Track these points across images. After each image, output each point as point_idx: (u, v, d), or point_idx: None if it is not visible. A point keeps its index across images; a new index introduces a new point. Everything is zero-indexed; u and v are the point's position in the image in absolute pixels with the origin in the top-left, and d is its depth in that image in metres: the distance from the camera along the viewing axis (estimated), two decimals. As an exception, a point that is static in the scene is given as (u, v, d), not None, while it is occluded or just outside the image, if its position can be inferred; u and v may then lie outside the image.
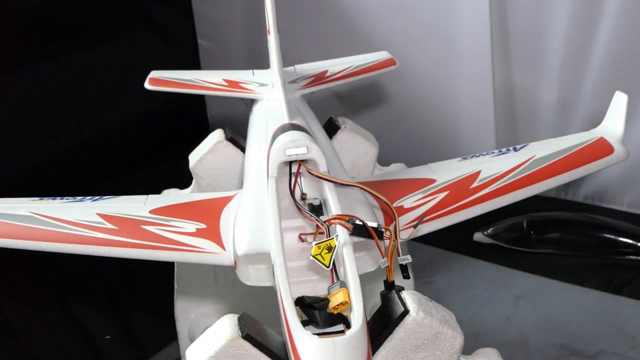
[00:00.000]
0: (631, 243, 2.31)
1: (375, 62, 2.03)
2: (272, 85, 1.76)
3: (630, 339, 1.94)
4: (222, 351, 1.07)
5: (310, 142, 1.26)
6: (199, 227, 1.36)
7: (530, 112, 2.64)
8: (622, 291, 2.15)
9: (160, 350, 2.04)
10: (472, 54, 2.59)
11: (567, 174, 1.45)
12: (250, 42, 3.16)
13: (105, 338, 2.10)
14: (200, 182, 1.76)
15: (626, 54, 2.39)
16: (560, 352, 1.91)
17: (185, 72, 2.01)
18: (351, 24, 2.83)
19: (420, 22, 2.67)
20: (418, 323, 1.09)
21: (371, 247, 1.21)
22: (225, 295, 1.81)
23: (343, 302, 1.02)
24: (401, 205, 1.39)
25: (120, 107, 3.12)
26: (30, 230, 1.35)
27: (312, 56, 2.12)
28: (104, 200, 1.47)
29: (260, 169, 1.35)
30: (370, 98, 2.92)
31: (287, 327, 1.01)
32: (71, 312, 2.21)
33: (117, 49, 3.06)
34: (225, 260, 1.28)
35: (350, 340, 0.97)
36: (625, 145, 1.50)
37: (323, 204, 1.25)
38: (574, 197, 2.73)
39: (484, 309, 2.12)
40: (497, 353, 1.22)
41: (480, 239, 2.44)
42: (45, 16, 2.76)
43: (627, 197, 2.61)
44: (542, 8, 2.45)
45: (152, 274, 1.96)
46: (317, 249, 1.07)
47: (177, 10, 3.29)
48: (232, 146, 1.74)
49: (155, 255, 1.32)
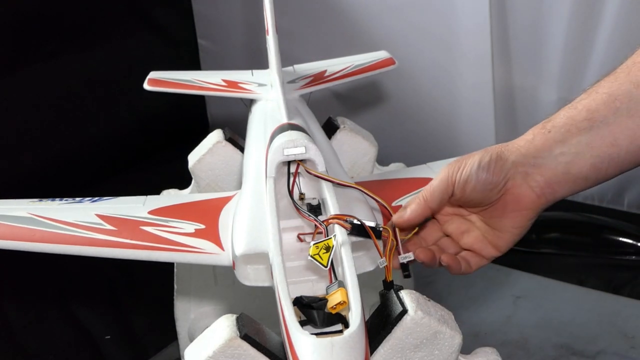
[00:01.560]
0: (631, 243, 2.31)
1: (374, 61, 2.03)
2: (271, 85, 1.76)
3: (630, 339, 1.94)
4: (220, 351, 1.07)
5: (309, 142, 1.26)
6: (198, 227, 1.36)
7: (530, 112, 2.63)
8: (622, 291, 2.15)
9: (160, 350, 2.04)
10: (472, 54, 2.58)
11: (567, 174, 1.45)
12: (250, 42, 3.16)
13: (105, 338, 2.10)
14: (200, 182, 1.76)
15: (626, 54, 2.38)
16: (560, 352, 1.91)
17: (184, 73, 2.01)
18: (350, 24, 2.83)
19: (420, 22, 2.67)
20: (416, 322, 1.09)
21: (369, 247, 1.21)
22: (225, 295, 1.81)
23: (341, 302, 1.02)
24: (400, 205, 1.39)
25: (120, 107, 3.12)
26: (30, 231, 1.35)
27: (311, 56, 2.12)
28: (103, 201, 1.47)
29: (259, 169, 1.35)
30: (370, 98, 2.92)
31: (285, 327, 1.01)
32: (71, 312, 2.21)
33: (117, 49, 3.06)
34: (224, 260, 1.28)
35: (349, 339, 0.97)
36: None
37: (321, 204, 1.25)
38: (574, 197, 2.72)
39: (483, 309, 2.12)
40: (496, 353, 1.22)
41: (480, 238, 2.44)
42: (45, 16, 2.76)
43: (627, 197, 2.61)
44: (542, 8, 2.45)
45: (152, 274, 1.96)
46: (315, 249, 1.07)
47: (177, 10, 3.29)
48: (231, 146, 1.74)
49: (154, 256, 1.32)
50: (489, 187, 1.12)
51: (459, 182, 1.13)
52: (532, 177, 1.11)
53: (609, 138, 1.07)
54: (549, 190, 1.11)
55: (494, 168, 1.11)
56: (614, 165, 1.09)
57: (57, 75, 2.84)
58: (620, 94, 1.07)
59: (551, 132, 1.11)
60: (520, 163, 1.11)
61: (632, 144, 1.07)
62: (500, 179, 1.11)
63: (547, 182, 1.11)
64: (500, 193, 1.13)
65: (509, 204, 1.13)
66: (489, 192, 1.12)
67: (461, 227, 1.21)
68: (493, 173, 1.11)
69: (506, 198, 1.13)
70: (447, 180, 1.14)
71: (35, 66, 2.76)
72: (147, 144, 3.20)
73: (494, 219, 1.17)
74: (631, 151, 1.07)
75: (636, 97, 1.06)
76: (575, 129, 1.09)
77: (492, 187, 1.12)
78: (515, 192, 1.12)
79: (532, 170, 1.11)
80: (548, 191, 1.11)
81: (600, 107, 1.08)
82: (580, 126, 1.08)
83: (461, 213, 1.21)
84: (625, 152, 1.07)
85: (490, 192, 1.12)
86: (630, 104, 1.06)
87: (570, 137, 1.09)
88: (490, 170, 1.11)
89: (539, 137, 1.12)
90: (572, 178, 1.10)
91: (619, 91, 1.07)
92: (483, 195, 1.13)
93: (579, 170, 1.09)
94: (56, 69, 2.83)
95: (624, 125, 1.06)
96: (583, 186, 1.12)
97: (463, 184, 1.13)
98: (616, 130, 1.07)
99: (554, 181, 1.11)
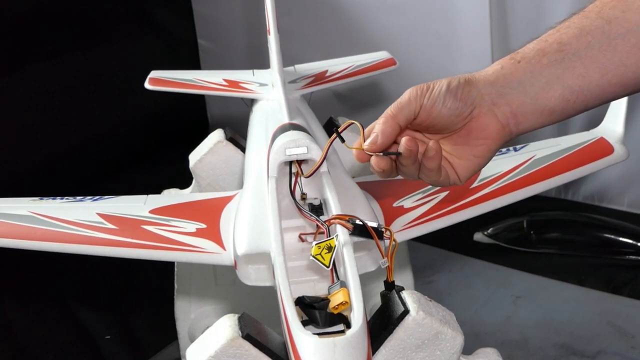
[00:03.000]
0: (631, 243, 2.31)
1: (375, 62, 2.03)
2: (272, 85, 1.76)
3: (630, 339, 1.94)
4: (222, 351, 1.07)
5: (311, 142, 1.26)
6: (199, 227, 1.36)
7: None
8: (622, 291, 2.15)
9: (160, 350, 2.04)
10: (472, 54, 2.58)
11: (567, 174, 1.45)
12: (250, 42, 3.16)
13: (105, 338, 2.10)
14: (200, 182, 1.76)
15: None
16: (560, 352, 1.91)
17: (185, 72, 2.01)
18: (351, 24, 2.83)
19: (421, 22, 2.67)
20: (418, 323, 1.09)
21: (371, 247, 1.21)
22: (225, 295, 1.81)
23: (343, 302, 1.02)
24: (401, 205, 1.39)
25: (120, 107, 3.12)
26: (31, 230, 1.35)
27: (312, 56, 2.12)
28: (104, 200, 1.47)
29: (261, 169, 1.35)
30: (370, 98, 2.92)
31: (287, 327, 1.01)
32: (71, 312, 2.21)
33: (117, 49, 3.06)
34: (226, 260, 1.29)
35: (351, 340, 0.97)
36: (625, 145, 1.50)
37: (323, 204, 1.25)
38: (574, 197, 2.72)
39: (484, 309, 2.12)
40: (497, 353, 1.22)
41: (480, 239, 2.44)
42: (45, 16, 2.76)
43: (627, 197, 2.61)
44: (542, 8, 2.45)
45: (152, 274, 1.96)
46: (317, 249, 1.07)
47: (177, 10, 3.29)
48: (232, 146, 1.74)
49: (155, 255, 1.32)
50: (454, 114, 1.09)
51: (425, 104, 1.10)
52: (498, 107, 1.09)
53: (580, 69, 1.07)
54: (514, 121, 1.09)
55: (461, 94, 1.08)
56: (582, 99, 1.08)
57: (57, 74, 2.84)
58: (592, 29, 1.07)
59: (521, 63, 1.09)
60: (487, 92, 1.09)
61: (602, 78, 1.07)
62: (466, 106, 1.09)
63: (512, 112, 1.09)
64: (465, 121, 1.10)
65: (473, 131, 1.10)
66: (454, 119, 1.10)
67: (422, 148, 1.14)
68: (460, 99, 1.08)
69: (470, 126, 1.10)
70: (415, 99, 1.11)
71: (36, 65, 2.76)
72: (147, 144, 3.20)
73: (455, 146, 1.13)
74: (600, 85, 1.07)
75: (608, 32, 1.06)
76: (547, 60, 1.08)
77: (458, 113, 1.09)
78: (480, 121, 1.10)
79: (499, 100, 1.09)
80: (513, 122, 1.09)
81: (572, 41, 1.08)
82: (552, 58, 1.08)
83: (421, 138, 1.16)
84: (594, 85, 1.07)
85: (455, 118, 1.10)
86: (602, 39, 1.06)
87: (541, 68, 1.08)
88: (458, 96, 1.08)
89: (508, 67, 1.10)
90: (539, 109, 1.09)
91: (591, 27, 1.07)
92: (448, 121, 1.10)
93: (547, 100, 1.08)
94: (56, 69, 2.83)
95: (595, 58, 1.06)
96: (549, 120, 1.11)
97: (430, 107, 1.10)
98: (587, 62, 1.06)
99: (520, 111, 1.09)
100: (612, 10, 1.06)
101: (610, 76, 1.07)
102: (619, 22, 1.06)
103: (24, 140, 2.79)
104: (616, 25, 1.06)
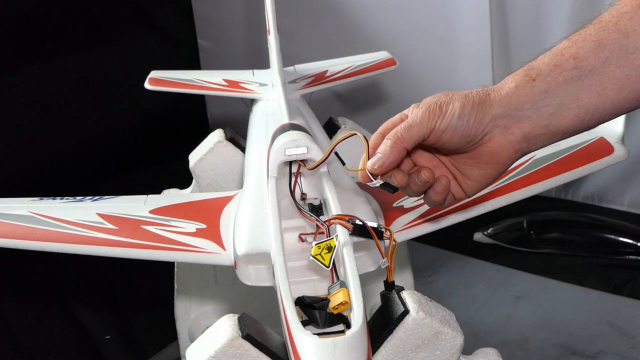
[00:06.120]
0: (631, 243, 2.31)
1: (375, 62, 2.03)
2: (272, 85, 1.76)
3: (630, 339, 1.94)
4: (222, 351, 1.07)
5: (310, 142, 1.26)
6: (199, 227, 1.36)
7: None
8: (622, 291, 2.15)
9: (160, 350, 2.04)
10: (472, 54, 2.59)
11: (567, 174, 1.45)
12: (250, 42, 3.16)
13: (105, 338, 2.10)
14: (200, 182, 1.76)
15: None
16: (560, 352, 1.91)
17: (185, 72, 2.01)
18: (351, 24, 2.83)
19: (421, 22, 2.67)
20: (418, 323, 1.09)
21: (371, 247, 1.21)
22: (225, 295, 1.81)
23: (343, 302, 1.02)
24: (401, 205, 1.39)
25: (120, 107, 3.12)
26: (30, 230, 1.35)
27: (312, 56, 2.12)
28: (104, 200, 1.47)
29: (260, 169, 1.35)
30: (370, 98, 2.92)
31: (287, 327, 1.01)
32: (71, 312, 2.21)
33: (117, 49, 3.06)
34: (226, 260, 1.28)
35: (350, 340, 0.97)
36: (625, 145, 1.50)
37: (323, 204, 1.25)
38: (574, 197, 2.73)
39: (484, 309, 2.12)
40: (497, 353, 1.22)
41: (480, 239, 2.44)
42: (45, 16, 2.76)
43: (627, 197, 2.61)
44: (542, 8, 2.45)
45: (152, 274, 1.96)
46: (317, 249, 1.07)
47: (177, 10, 3.29)
48: (232, 146, 1.74)
49: (155, 255, 1.32)
50: (465, 140, 1.07)
51: (437, 129, 1.07)
52: (511, 131, 1.07)
53: (596, 87, 1.03)
54: (526, 145, 1.08)
55: (474, 121, 1.06)
56: (596, 117, 1.05)
57: (57, 74, 2.84)
58: (609, 43, 1.03)
59: (536, 81, 1.06)
60: (500, 116, 1.06)
61: (618, 95, 1.03)
62: (478, 132, 1.06)
63: (525, 136, 1.06)
64: (476, 146, 1.08)
65: (483, 156, 1.09)
66: (465, 144, 1.08)
67: (432, 161, 1.15)
68: (472, 126, 1.06)
69: (481, 150, 1.08)
70: (427, 125, 1.08)
71: (36, 66, 2.76)
72: (147, 144, 3.20)
73: (464, 166, 1.12)
74: (616, 102, 1.04)
75: (626, 46, 1.02)
76: (562, 77, 1.04)
77: (469, 140, 1.07)
78: (491, 146, 1.08)
79: (512, 124, 1.06)
80: (524, 145, 1.08)
81: (589, 56, 1.04)
82: (568, 75, 1.04)
83: (428, 158, 1.16)
84: (610, 103, 1.04)
85: (466, 144, 1.08)
86: (620, 54, 1.02)
87: (557, 87, 1.04)
88: (470, 122, 1.05)
89: (522, 85, 1.06)
90: (552, 130, 1.06)
91: (609, 40, 1.03)
92: (458, 146, 1.08)
93: (561, 122, 1.05)
94: (56, 69, 2.83)
95: (612, 75, 1.03)
96: (559, 139, 1.09)
97: (440, 133, 1.07)
98: (604, 79, 1.03)
99: (532, 134, 1.07)
100: (630, 22, 1.03)
101: (626, 92, 1.04)
102: (637, 35, 1.02)
103: (24, 141, 2.79)
104: (634, 38, 1.02)
